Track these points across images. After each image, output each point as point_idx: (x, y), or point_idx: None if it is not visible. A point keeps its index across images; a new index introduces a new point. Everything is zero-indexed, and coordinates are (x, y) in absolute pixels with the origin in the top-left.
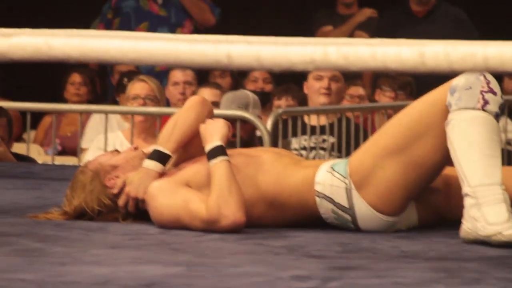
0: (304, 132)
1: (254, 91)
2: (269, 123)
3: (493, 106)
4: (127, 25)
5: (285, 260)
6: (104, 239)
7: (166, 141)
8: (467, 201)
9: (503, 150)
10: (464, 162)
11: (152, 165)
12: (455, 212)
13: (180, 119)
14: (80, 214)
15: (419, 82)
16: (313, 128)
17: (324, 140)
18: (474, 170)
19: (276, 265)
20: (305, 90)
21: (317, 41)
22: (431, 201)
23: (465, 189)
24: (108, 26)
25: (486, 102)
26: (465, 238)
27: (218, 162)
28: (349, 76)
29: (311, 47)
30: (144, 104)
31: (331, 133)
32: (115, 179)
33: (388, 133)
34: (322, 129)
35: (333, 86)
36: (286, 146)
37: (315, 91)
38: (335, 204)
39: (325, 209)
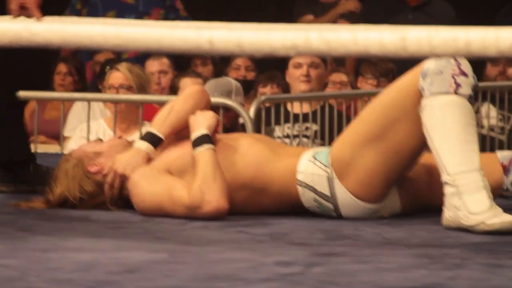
0: (287, 120)
1: (236, 79)
2: (252, 111)
3: (466, 89)
4: (94, 14)
5: (269, 247)
6: (87, 227)
7: (160, 125)
8: (447, 190)
9: (485, 136)
10: (441, 150)
11: (144, 146)
12: (438, 199)
13: (176, 106)
14: (63, 202)
15: (401, 69)
16: (296, 116)
17: (307, 128)
18: (451, 157)
19: (260, 252)
20: (287, 78)
21: (298, 27)
22: (413, 188)
23: (444, 177)
24: (77, 16)
25: (458, 86)
26: (447, 226)
27: (204, 150)
28: (334, 62)
29: (292, 32)
30: (117, 93)
31: (314, 121)
32: (98, 165)
33: (364, 121)
34: (305, 117)
35: (313, 73)
36: (269, 133)
37: (295, 78)
38: (317, 193)
39: (307, 198)
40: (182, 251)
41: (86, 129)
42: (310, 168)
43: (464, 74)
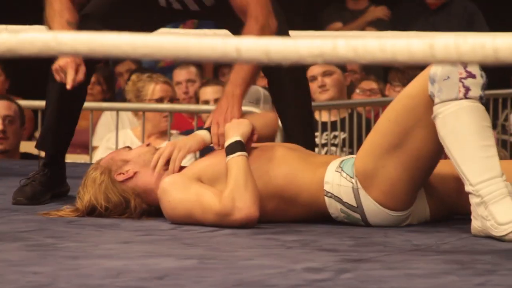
0: (315, 129)
1: (264, 87)
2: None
3: (475, 91)
4: None
5: (298, 253)
6: (116, 235)
7: None
8: (472, 200)
9: (506, 142)
10: (460, 160)
11: (203, 132)
12: (467, 205)
13: (249, 117)
14: (91, 210)
15: None
16: (324, 124)
17: (335, 136)
18: (471, 167)
19: (289, 258)
20: None
21: (325, 34)
22: (442, 195)
23: (468, 188)
24: None
25: (467, 89)
26: (476, 235)
27: (236, 157)
28: (363, 71)
29: (320, 40)
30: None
31: (342, 129)
32: (126, 173)
33: (381, 131)
34: (333, 125)
35: (328, 81)
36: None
37: (314, 92)
38: (344, 204)
39: (334, 208)
40: (212, 257)
41: (113, 139)
42: (336, 178)
43: (471, 75)
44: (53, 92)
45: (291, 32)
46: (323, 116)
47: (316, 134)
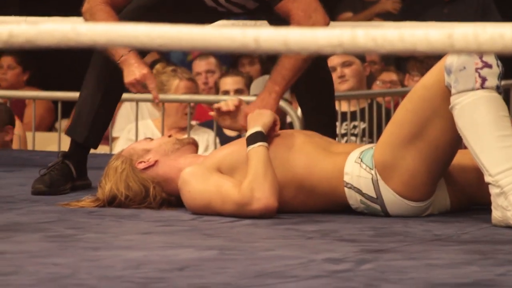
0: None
1: None
2: (299, 109)
3: (492, 80)
4: None
5: (318, 243)
6: (136, 226)
7: None
8: (492, 190)
9: None
10: (478, 151)
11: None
12: (487, 196)
13: None
14: (111, 199)
15: None
16: (343, 114)
17: (355, 126)
18: (489, 157)
19: (309, 249)
20: None
21: (344, 24)
22: (463, 185)
23: (487, 179)
24: None
25: (483, 79)
26: (496, 225)
27: (256, 147)
28: (383, 61)
29: (338, 30)
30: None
31: (362, 119)
32: (147, 162)
33: (399, 122)
34: (353, 115)
35: (347, 71)
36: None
37: (334, 83)
38: (363, 195)
39: (354, 199)
40: (232, 248)
41: (134, 130)
42: (356, 170)
43: (487, 65)
44: (91, 82)
45: None
46: (342, 106)
47: (336, 124)
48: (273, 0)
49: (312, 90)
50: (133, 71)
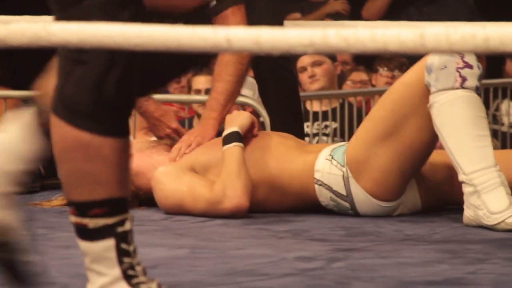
0: (306, 119)
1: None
2: None
3: (472, 81)
4: None
5: (289, 243)
6: None
7: None
8: (465, 189)
9: (506, 134)
10: (454, 149)
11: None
12: (459, 195)
13: None
14: None
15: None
16: (315, 114)
17: (326, 126)
18: (465, 156)
19: (281, 248)
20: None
21: (316, 24)
22: (434, 184)
23: (461, 177)
24: None
25: (464, 79)
26: (468, 224)
27: (232, 147)
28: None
29: (310, 29)
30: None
31: (334, 119)
32: None
33: (375, 119)
34: (324, 115)
35: (317, 71)
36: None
37: (305, 82)
38: (334, 192)
39: (324, 196)
40: (203, 247)
41: None
42: (327, 167)
43: (468, 65)
44: None
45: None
46: (314, 106)
47: (307, 124)
48: (214, 10)
49: (277, 92)
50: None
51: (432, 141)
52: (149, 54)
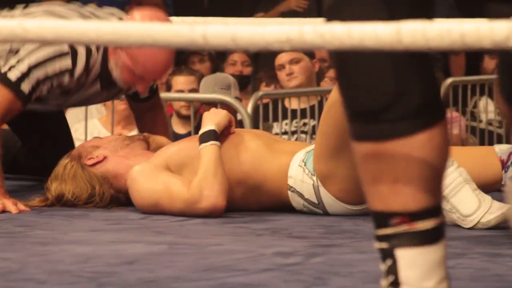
0: (285, 116)
1: (233, 74)
2: (249, 107)
3: None
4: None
5: (268, 240)
6: (86, 224)
7: None
8: None
9: (484, 130)
10: None
11: None
12: None
13: None
14: (59, 197)
15: None
16: (294, 112)
17: (305, 124)
18: None
19: (259, 244)
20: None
21: (293, 21)
22: None
23: None
24: None
25: None
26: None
27: (209, 145)
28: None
29: (287, 26)
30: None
31: (312, 116)
32: (95, 158)
33: (325, 136)
34: (303, 112)
35: (295, 68)
36: (267, 130)
37: (283, 80)
38: (306, 200)
39: (296, 202)
40: (181, 243)
41: (81, 130)
42: (299, 174)
43: None
44: None
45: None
46: (292, 104)
47: (286, 121)
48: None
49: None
50: None
51: None
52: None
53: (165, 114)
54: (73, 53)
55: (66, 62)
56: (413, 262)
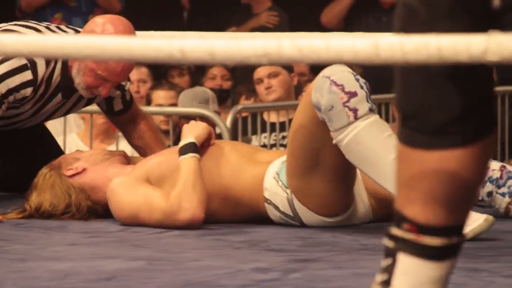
0: (264, 130)
1: (212, 88)
2: (228, 120)
3: (363, 107)
4: (43, 17)
5: (246, 254)
6: (64, 237)
7: None
8: None
9: None
10: (382, 182)
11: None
12: None
13: None
14: (37, 207)
15: (368, 73)
16: (272, 125)
17: (284, 137)
18: (393, 184)
19: (237, 259)
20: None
21: (270, 35)
22: (385, 194)
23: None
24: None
25: (355, 111)
26: None
27: (188, 158)
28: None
29: (264, 40)
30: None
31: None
32: (74, 169)
33: (295, 156)
34: (282, 126)
35: (274, 82)
36: (246, 143)
37: (261, 94)
38: (282, 213)
39: (273, 215)
40: (160, 258)
41: (60, 144)
42: (273, 186)
43: (352, 94)
44: None
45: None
46: (271, 117)
47: (265, 135)
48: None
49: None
50: None
51: None
52: None
53: (151, 123)
54: (32, 65)
55: (27, 75)
56: (409, 270)
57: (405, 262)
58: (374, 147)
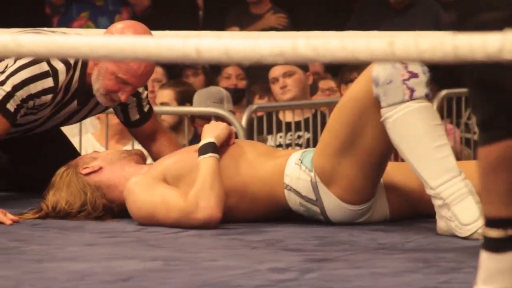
0: (279, 129)
1: (227, 88)
2: (244, 120)
3: (420, 90)
4: (69, 16)
5: (263, 253)
6: (81, 237)
7: None
8: (435, 202)
9: (470, 140)
10: (416, 165)
11: None
12: (429, 205)
13: None
14: (54, 206)
15: None
16: (288, 125)
17: (299, 136)
18: (429, 170)
19: (254, 259)
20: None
21: (286, 34)
22: (404, 193)
23: (429, 191)
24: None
25: (412, 91)
26: (442, 234)
27: (207, 157)
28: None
29: (280, 39)
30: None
31: (307, 129)
32: (91, 167)
33: (333, 132)
34: (297, 125)
35: (289, 81)
36: (262, 142)
37: (277, 93)
38: (303, 197)
39: (293, 202)
40: (176, 259)
41: (76, 145)
42: (296, 171)
43: (413, 75)
44: None
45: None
46: (286, 116)
47: (280, 134)
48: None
49: None
50: None
51: (391, 146)
52: None
53: (172, 140)
54: (54, 72)
55: (48, 82)
56: (482, 262)
57: (482, 256)
58: (421, 130)
